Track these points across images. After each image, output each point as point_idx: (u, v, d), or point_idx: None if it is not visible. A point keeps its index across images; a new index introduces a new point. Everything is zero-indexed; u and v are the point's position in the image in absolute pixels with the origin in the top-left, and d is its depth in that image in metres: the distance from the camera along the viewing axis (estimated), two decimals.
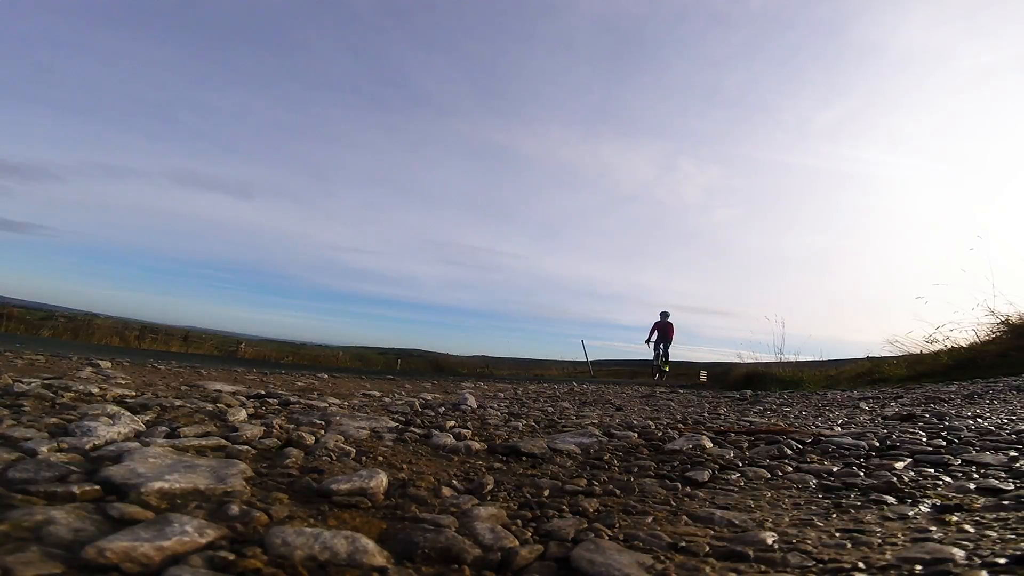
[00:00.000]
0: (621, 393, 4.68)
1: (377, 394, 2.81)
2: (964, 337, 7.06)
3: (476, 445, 1.42)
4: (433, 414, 2.07)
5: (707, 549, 0.72)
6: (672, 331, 13.90)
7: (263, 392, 2.26)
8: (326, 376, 4.35)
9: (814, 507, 0.95)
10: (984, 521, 0.82)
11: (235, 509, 0.74)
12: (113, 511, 0.68)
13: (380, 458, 1.20)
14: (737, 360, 10.47)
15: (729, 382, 9.56)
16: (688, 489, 1.08)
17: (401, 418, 1.86)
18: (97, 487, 0.77)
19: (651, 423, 2.09)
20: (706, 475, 1.18)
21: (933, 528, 0.80)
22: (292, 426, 1.46)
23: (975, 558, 0.66)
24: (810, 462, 1.32)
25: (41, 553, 0.55)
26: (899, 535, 0.77)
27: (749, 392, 5.76)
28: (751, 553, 0.70)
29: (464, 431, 1.66)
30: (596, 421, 2.17)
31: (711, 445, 1.53)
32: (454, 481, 1.05)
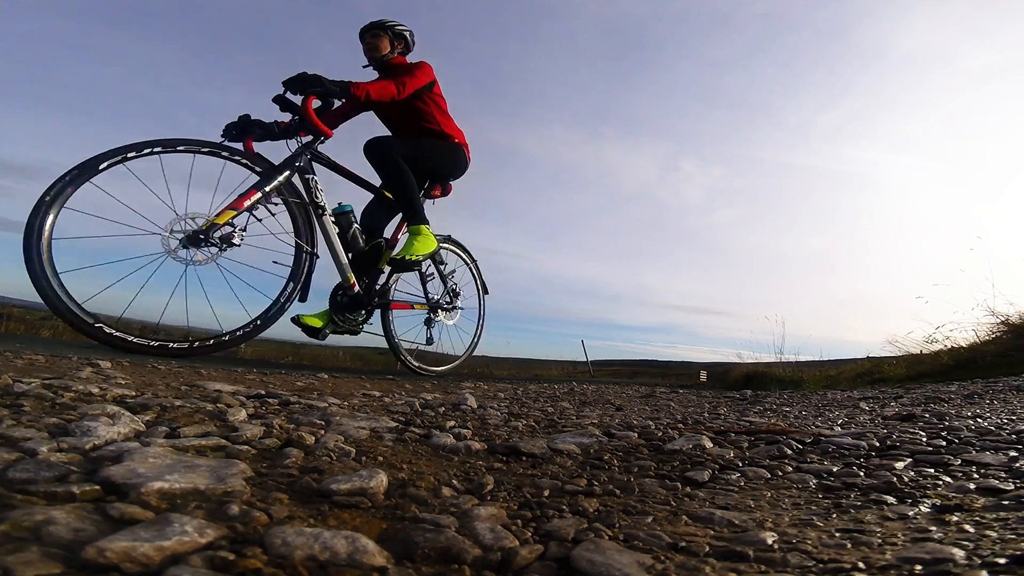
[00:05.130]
0: (621, 393, 4.68)
1: (377, 394, 2.81)
2: (964, 337, 7.09)
3: (476, 445, 1.42)
4: (433, 414, 2.07)
5: (707, 549, 0.72)
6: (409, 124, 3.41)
7: (263, 392, 2.26)
8: (326, 376, 4.35)
9: (814, 507, 0.95)
10: (984, 521, 0.82)
11: (235, 509, 0.74)
12: (113, 511, 0.68)
13: (380, 458, 1.19)
14: (737, 360, 10.47)
15: (729, 382, 9.57)
16: (688, 489, 1.08)
17: (401, 418, 1.85)
18: (97, 487, 0.77)
19: (651, 423, 2.09)
20: (706, 475, 1.18)
21: (933, 528, 0.80)
22: (292, 426, 1.46)
23: (975, 558, 0.66)
24: (810, 462, 1.32)
25: (41, 553, 0.55)
26: (899, 535, 0.77)
27: (749, 392, 5.76)
28: (751, 553, 0.70)
29: (464, 431, 1.66)
30: (596, 421, 2.17)
31: (711, 445, 1.53)
32: (454, 481, 1.05)
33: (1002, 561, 0.64)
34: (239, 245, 2.74)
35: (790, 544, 0.74)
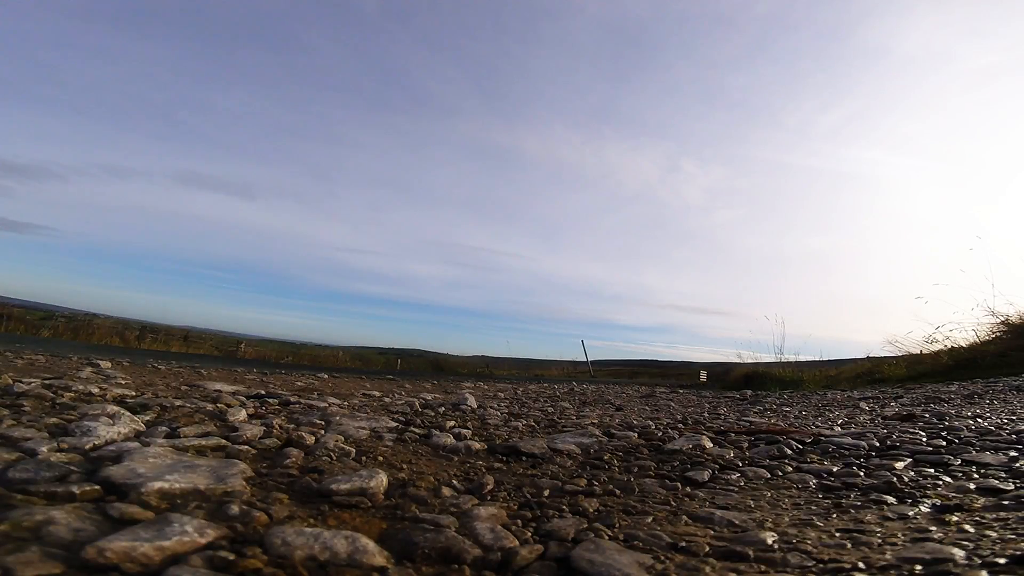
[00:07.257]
0: (621, 393, 4.68)
1: (377, 394, 2.81)
2: (964, 337, 7.09)
3: (476, 445, 1.42)
4: (433, 414, 2.07)
5: (707, 549, 0.72)
6: None
7: (263, 392, 2.26)
8: (326, 376, 4.35)
9: (814, 507, 0.95)
10: (984, 521, 0.82)
11: (235, 509, 0.74)
12: (113, 511, 0.68)
13: (380, 458, 1.20)
14: (737, 360, 10.46)
15: (729, 382, 9.57)
16: (688, 489, 1.08)
17: (401, 418, 1.85)
18: (97, 487, 0.77)
19: (651, 423, 2.09)
20: (706, 475, 1.18)
21: (933, 528, 0.79)
22: (292, 426, 1.46)
23: (975, 558, 0.66)
24: (810, 462, 1.32)
25: (41, 553, 0.55)
26: (899, 535, 0.77)
27: (749, 392, 5.76)
28: (751, 553, 0.70)
29: (464, 431, 1.66)
30: (596, 421, 2.17)
31: (711, 445, 1.53)
32: (454, 481, 1.05)
33: (1002, 561, 0.64)
34: None
35: (790, 544, 0.74)
